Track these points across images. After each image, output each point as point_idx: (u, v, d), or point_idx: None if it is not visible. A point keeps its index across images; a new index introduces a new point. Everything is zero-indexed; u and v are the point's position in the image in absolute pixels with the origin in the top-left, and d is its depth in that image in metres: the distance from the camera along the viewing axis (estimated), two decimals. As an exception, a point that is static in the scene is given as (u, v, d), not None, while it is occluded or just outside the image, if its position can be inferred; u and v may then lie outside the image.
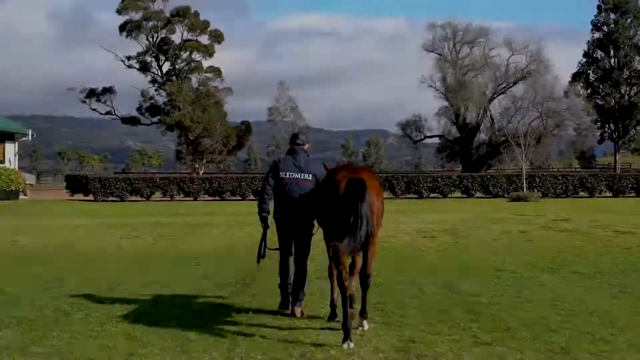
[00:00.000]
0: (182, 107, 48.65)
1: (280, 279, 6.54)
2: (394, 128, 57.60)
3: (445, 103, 51.90)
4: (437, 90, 52.02)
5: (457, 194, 34.63)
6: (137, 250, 11.66)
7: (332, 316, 6.08)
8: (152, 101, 52.72)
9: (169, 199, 33.14)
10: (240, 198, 33.34)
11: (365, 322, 5.76)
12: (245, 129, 55.42)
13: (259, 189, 7.15)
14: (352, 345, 5.17)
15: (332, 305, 6.13)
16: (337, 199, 5.39)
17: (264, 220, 6.47)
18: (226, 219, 18.63)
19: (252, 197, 33.51)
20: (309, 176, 6.35)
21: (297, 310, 6.25)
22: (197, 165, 51.44)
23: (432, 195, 33.86)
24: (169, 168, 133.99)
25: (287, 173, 6.35)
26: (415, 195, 33.58)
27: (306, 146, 6.58)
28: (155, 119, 53.19)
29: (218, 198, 33.27)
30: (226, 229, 15.55)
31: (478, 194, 34.26)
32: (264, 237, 6.56)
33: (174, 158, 62.65)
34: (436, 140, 59.01)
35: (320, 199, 5.83)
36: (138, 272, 9.02)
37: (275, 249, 6.56)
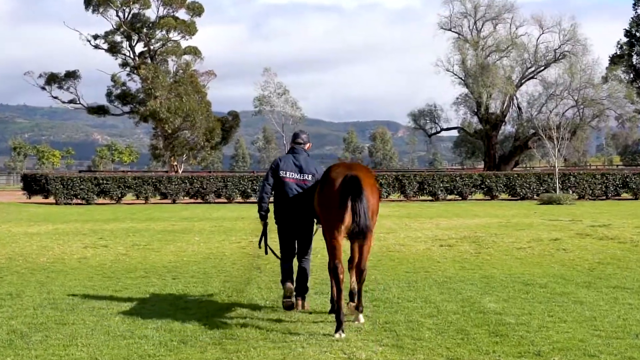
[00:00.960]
0: (158, 95, 48.63)
1: (282, 284, 7.59)
2: (405, 119, 57.60)
3: (465, 90, 51.87)
4: (455, 75, 51.99)
5: (479, 195, 34.64)
6: (106, 261, 11.66)
7: (334, 310, 6.93)
8: (124, 88, 52.70)
9: (143, 201, 33.12)
10: (226, 200, 33.35)
11: (361, 316, 6.84)
12: (232, 120, 55.44)
13: (257, 189, 8.33)
14: (343, 335, 6.31)
15: (333, 300, 7.06)
16: (333, 195, 6.60)
17: (263, 218, 7.67)
18: (210, 225, 18.64)
19: (239, 199, 33.51)
20: (308, 176, 7.51)
21: (300, 303, 7.51)
22: (175, 163, 51.43)
23: (449, 197, 33.89)
24: (143, 166, 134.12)
25: (288, 172, 7.51)
26: (430, 197, 33.60)
27: (307, 146, 7.78)
28: (126, 109, 53.18)
29: (200, 200, 33.27)
30: (210, 236, 15.55)
31: (503, 196, 34.28)
32: (264, 234, 7.77)
33: (149, 154, 62.68)
34: (454, 133, 59.07)
35: (318, 195, 6.96)
36: (106, 287, 9.02)
37: (277, 257, 7.75)
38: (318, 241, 13.47)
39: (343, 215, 6.46)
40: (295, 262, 7.70)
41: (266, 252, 7.86)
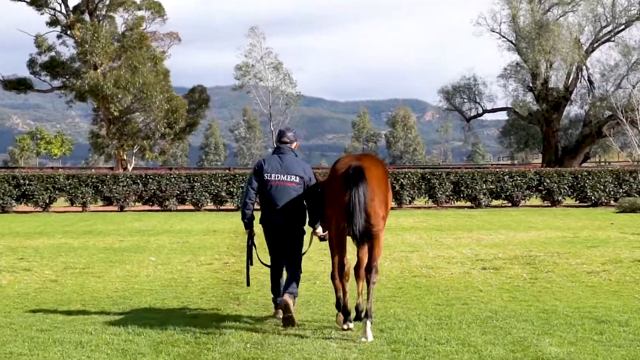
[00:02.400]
0: (100, 63, 48.60)
1: (273, 294, 9.36)
2: (434, 97, 58.01)
3: (516, 57, 51.94)
4: (502, 37, 52.09)
5: (535, 200, 34.61)
6: (28, 290, 11.66)
7: (346, 315, 8.59)
8: (52, 54, 52.66)
9: (80, 208, 33.10)
10: (192, 207, 33.33)
11: (369, 328, 8.08)
12: (199, 98, 55.45)
13: (239, 193, 9.52)
14: (352, 325, 8.36)
15: (338, 305, 8.72)
16: (337, 188, 8.22)
17: (248, 227, 9.15)
18: (171, 241, 18.64)
19: (211, 205, 33.50)
20: (295, 178, 8.97)
21: (287, 297, 8.74)
22: (124, 157, 51.45)
23: (494, 202, 33.86)
24: (80, 160, 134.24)
25: (273, 175, 8.98)
26: (469, 203, 33.61)
27: (293, 145, 9.33)
28: (57, 83, 53.14)
29: (157, 207, 33.24)
30: (170, 256, 15.55)
31: (568, 201, 34.28)
32: (250, 247, 9.30)
33: (88, 145, 62.70)
34: (501, 116, 59.15)
35: (325, 192, 8.70)
36: (29, 326, 9.01)
37: (267, 266, 9.35)
38: (318, 263, 13.43)
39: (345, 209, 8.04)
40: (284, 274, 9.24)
41: (249, 266, 9.49)
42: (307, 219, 9.08)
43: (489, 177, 33.67)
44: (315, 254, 14.98)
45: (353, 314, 8.59)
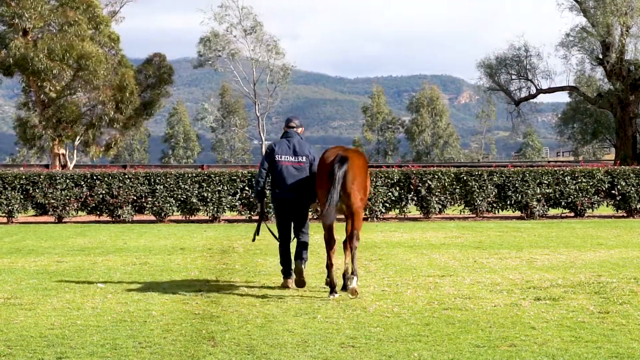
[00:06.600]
0: (30, 27, 48.52)
1: (282, 265, 14.50)
2: (472, 73, 57.97)
3: (581, 19, 51.96)
4: (562, -7, 52.06)
5: (606, 209, 34.52)
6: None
7: (332, 289, 13.57)
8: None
9: (4, 219, 33.05)
10: (153, 218, 33.22)
11: (355, 280, 13.27)
12: (160, 72, 55.28)
13: (253, 178, 13.15)
14: (337, 295, 13.20)
15: (329, 266, 13.72)
16: (326, 173, 13.15)
17: (260, 196, 14.25)
18: (125, 262, 18.62)
19: (177, 215, 33.41)
20: (302, 158, 14.08)
21: (299, 262, 13.95)
22: (62, 151, 51.35)
23: (551, 212, 33.78)
24: (4, 156, 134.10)
25: (283, 156, 14.02)
26: (517, 213, 33.53)
27: (299, 130, 14.48)
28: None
29: (107, 218, 33.14)
30: (124, 282, 15.56)
31: (649, 210, 34.13)
32: (261, 213, 14.87)
33: (14, 136, 62.58)
34: (560, 97, 59.37)
35: (317, 179, 13.79)
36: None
37: (276, 238, 14.50)
38: (320, 292, 13.43)
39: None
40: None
41: (256, 235, 14.86)
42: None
43: (544, 178, 33.55)
44: (316, 279, 15.01)
45: (341, 283, 13.72)
